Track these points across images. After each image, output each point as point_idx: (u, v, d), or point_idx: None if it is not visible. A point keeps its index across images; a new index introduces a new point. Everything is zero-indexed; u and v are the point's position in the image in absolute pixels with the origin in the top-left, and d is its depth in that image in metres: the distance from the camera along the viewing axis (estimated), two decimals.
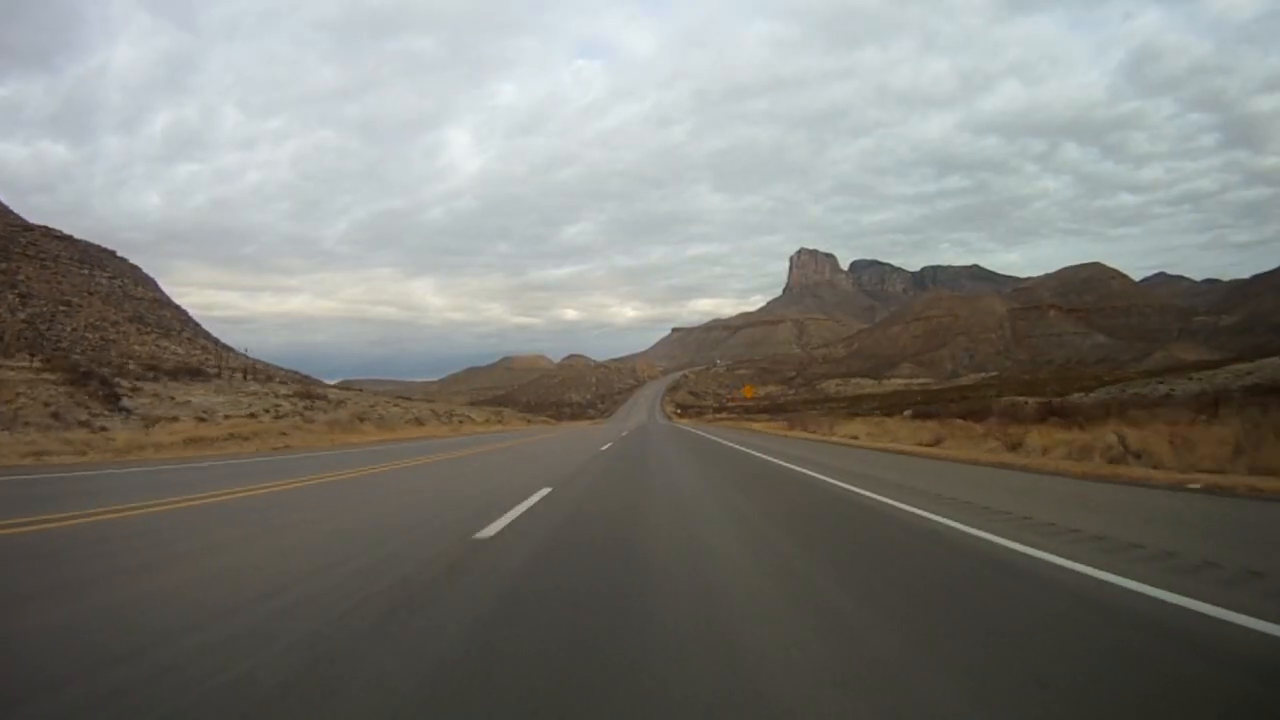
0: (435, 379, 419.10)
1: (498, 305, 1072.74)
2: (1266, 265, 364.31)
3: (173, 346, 49.06)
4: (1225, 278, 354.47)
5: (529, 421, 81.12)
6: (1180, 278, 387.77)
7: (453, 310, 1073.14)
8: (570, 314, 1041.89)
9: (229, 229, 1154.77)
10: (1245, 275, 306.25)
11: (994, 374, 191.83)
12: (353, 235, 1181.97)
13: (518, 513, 6.18)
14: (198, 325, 65.42)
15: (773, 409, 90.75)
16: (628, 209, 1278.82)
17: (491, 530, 5.24)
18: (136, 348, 45.67)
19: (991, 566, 4.09)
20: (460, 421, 55.00)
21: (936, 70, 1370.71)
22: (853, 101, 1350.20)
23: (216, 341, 63.23)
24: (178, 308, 65.28)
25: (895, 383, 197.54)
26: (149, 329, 52.22)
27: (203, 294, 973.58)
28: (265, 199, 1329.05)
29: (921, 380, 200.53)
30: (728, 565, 4.17)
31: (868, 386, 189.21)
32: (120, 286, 58.78)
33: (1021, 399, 63.61)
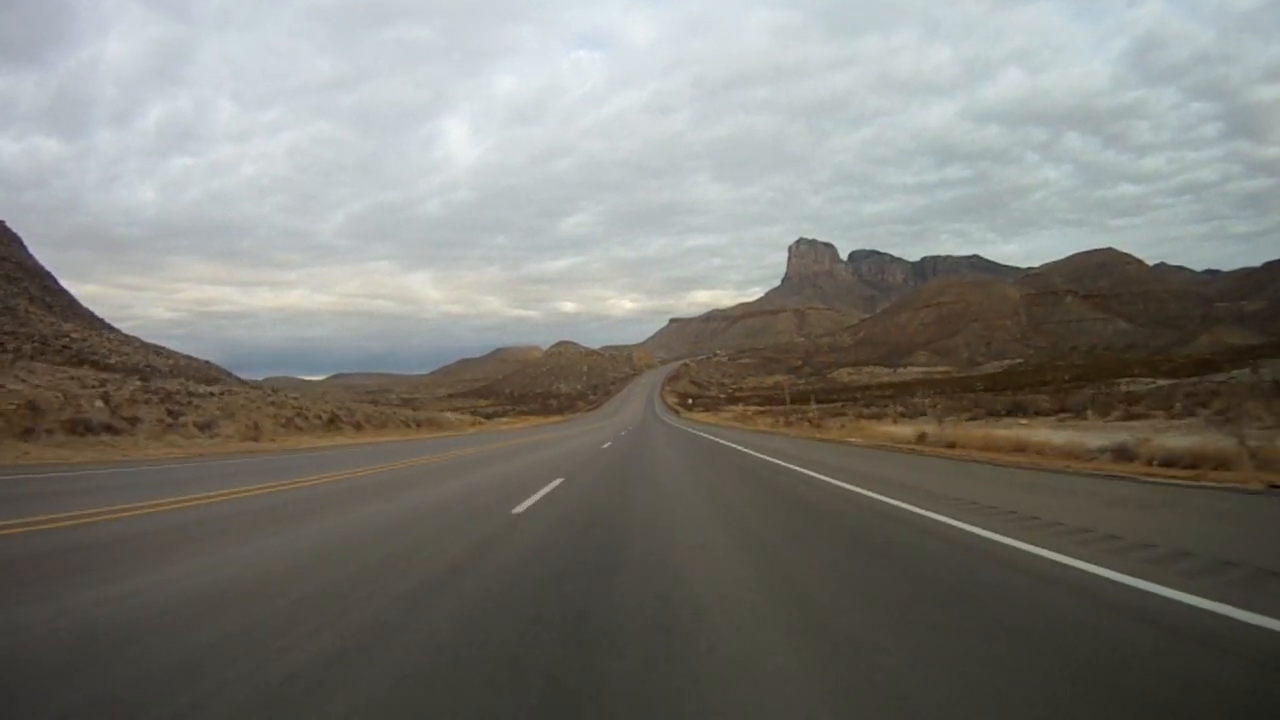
0: (426, 372, 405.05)
1: (495, 298, 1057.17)
2: (1265, 257, 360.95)
3: None
4: (1225, 268, 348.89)
5: (370, 426, 36.95)
6: (1181, 268, 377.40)
7: (450, 303, 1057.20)
8: (568, 306, 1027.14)
9: (225, 223, 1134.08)
10: (1243, 267, 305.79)
11: (1019, 361, 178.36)
12: (349, 228, 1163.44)
13: None
14: (50, 294, 50.82)
15: (795, 399, 75.74)
16: (626, 200, 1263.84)
17: None
18: None
19: None
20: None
21: (938, 58, 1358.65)
22: (853, 90, 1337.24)
23: (66, 314, 48.62)
24: (27, 270, 50.67)
25: (913, 371, 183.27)
26: None
27: (200, 289, 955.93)
28: (261, 192, 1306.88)
29: (941, 368, 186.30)
30: None
31: (882, 375, 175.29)
32: None
33: (1139, 382, 49.87)
